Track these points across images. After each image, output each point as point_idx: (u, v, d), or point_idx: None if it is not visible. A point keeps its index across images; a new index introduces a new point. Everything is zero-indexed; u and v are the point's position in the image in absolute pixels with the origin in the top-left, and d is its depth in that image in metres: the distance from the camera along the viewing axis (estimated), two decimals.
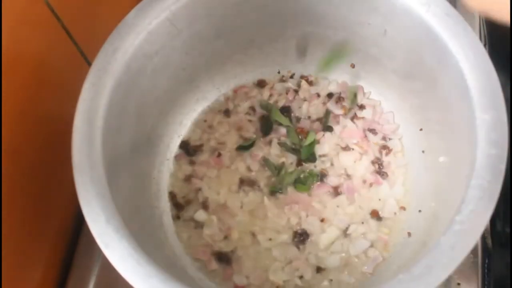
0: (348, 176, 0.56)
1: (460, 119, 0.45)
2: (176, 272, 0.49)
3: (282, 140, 0.59)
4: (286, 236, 0.53)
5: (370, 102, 0.60)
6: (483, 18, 0.63)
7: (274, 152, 0.58)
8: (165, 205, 0.56)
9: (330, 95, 0.61)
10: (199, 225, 0.55)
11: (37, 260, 0.51)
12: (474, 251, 0.53)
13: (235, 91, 0.61)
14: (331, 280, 0.52)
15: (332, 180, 0.56)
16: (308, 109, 0.60)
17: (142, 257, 0.38)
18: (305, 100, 0.61)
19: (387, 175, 0.56)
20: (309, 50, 0.59)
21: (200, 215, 0.55)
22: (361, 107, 0.60)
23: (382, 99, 0.59)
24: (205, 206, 0.56)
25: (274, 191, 0.56)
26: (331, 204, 0.55)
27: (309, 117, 0.60)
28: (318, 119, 0.60)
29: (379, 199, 0.55)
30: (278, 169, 0.57)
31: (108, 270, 0.38)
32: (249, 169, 0.57)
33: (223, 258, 0.53)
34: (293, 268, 0.52)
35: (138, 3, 0.47)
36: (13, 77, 0.43)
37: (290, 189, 0.56)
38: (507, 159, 0.40)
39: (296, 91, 0.61)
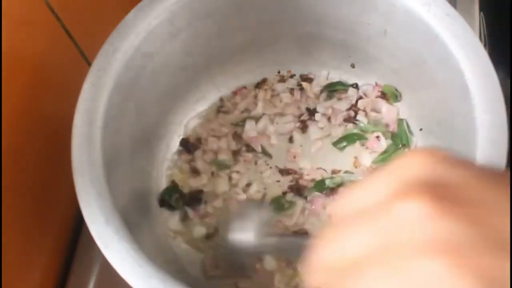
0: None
1: (460, 119, 0.45)
2: (176, 272, 0.49)
3: None
4: None
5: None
6: (483, 18, 0.63)
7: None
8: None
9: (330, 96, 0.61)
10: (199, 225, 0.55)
11: (37, 260, 0.51)
12: None
13: (235, 92, 0.61)
14: None
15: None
16: None
17: (142, 257, 0.38)
18: None
19: None
20: (309, 50, 0.59)
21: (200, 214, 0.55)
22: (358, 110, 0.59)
23: None
24: (205, 205, 0.56)
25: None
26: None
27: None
28: None
29: None
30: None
31: (108, 270, 0.38)
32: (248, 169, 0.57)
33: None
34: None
35: (138, 3, 0.47)
36: (13, 77, 0.43)
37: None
38: (507, 159, 0.40)
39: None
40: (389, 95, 0.58)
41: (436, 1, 0.46)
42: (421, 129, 0.55)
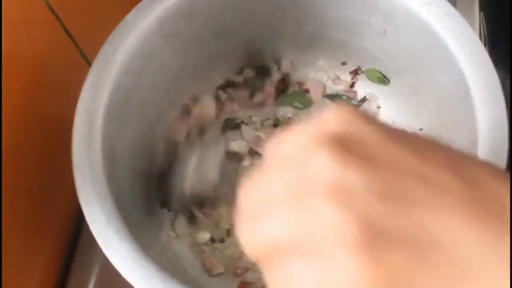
0: None
1: (460, 118, 0.45)
2: (177, 272, 0.49)
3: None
4: None
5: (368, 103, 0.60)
6: (483, 18, 0.63)
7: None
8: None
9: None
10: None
11: (37, 260, 0.51)
12: None
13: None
14: None
15: None
16: None
17: (143, 257, 0.38)
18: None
19: None
20: (309, 50, 0.59)
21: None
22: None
23: (382, 98, 0.59)
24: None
25: None
26: None
27: None
28: None
29: None
30: None
31: (108, 270, 0.38)
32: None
33: None
34: None
35: (138, 3, 0.47)
36: (13, 77, 0.43)
37: None
38: (507, 158, 0.40)
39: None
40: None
41: (436, 1, 0.46)
42: (421, 129, 0.55)
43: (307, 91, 0.60)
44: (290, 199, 0.21)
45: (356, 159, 0.20)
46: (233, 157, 0.57)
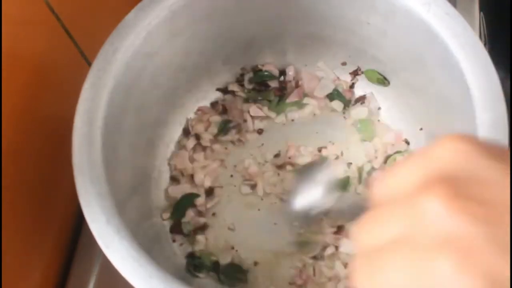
0: None
1: (460, 119, 0.45)
2: (177, 272, 0.49)
3: None
4: None
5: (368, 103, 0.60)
6: (483, 18, 0.63)
7: None
8: (165, 205, 0.56)
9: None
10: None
11: (37, 260, 0.51)
12: None
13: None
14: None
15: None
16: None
17: (143, 257, 0.38)
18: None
19: None
20: (309, 50, 0.59)
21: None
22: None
23: (381, 98, 0.59)
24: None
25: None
26: None
27: None
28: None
29: None
30: None
31: (108, 270, 0.38)
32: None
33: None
34: None
35: (138, 3, 0.47)
36: (13, 77, 0.43)
37: None
38: None
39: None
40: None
41: (436, 1, 0.46)
42: (421, 129, 0.55)
43: (306, 94, 0.60)
44: (406, 249, 0.20)
45: (472, 206, 0.19)
46: None
